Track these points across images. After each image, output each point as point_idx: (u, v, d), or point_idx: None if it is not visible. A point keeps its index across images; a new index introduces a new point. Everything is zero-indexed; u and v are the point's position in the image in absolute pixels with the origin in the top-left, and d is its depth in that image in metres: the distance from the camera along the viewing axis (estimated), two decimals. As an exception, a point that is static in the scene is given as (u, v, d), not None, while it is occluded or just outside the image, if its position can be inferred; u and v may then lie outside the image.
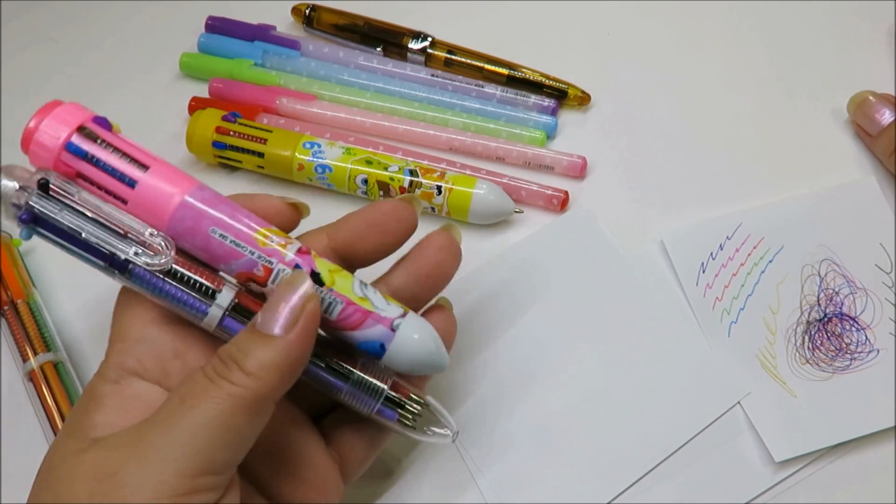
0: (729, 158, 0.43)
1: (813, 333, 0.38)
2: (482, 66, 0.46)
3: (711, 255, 0.40)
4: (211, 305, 0.29)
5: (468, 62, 0.46)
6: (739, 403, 0.36)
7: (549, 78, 0.45)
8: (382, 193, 0.41)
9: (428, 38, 0.47)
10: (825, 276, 0.39)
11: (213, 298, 0.29)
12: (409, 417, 0.30)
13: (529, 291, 0.39)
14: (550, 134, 0.44)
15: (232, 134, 0.42)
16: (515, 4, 0.49)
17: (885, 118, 0.41)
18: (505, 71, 0.46)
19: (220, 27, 0.49)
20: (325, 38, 0.49)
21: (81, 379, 0.38)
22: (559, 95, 0.45)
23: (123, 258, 0.28)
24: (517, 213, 0.41)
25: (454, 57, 0.46)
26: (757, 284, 0.39)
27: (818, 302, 0.38)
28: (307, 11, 0.49)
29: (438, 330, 0.31)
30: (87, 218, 0.28)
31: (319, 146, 0.42)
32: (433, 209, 0.41)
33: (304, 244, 0.30)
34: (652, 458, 0.35)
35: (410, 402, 0.30)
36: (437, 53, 0.46)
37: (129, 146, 0.29)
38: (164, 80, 0.48)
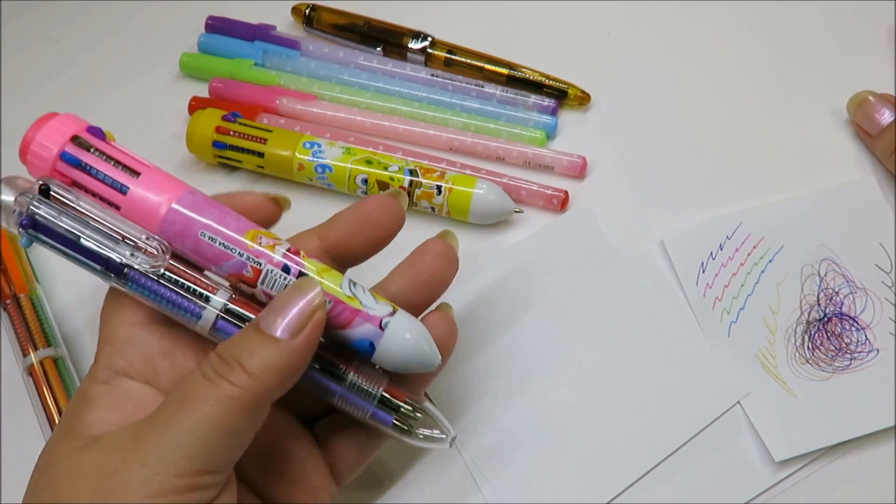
0: (729, 158, 0.43)
1: (813, 333, 0.38)
2: (482, 65, 0.46)
3: (711, 254, 0.40)
4: (205, 308, 0.29)
5: (468, 62, 0.46)
6: (739, 403, 0.36)
7: (549, 78, 0.45)
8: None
9: (428, 38, 0.47)
10: (825, 275, 0.39)
11: (207, 301, 0.29)
12: (404, 422, 0.30)
13: (529, 291, 0.39)
14: (550, 134, 0.44)
15: (232, 134, 0.42)
16: (515, 4, 0.49)
17: (884, 118, 0.41)
18: (505, 71, 0.46)
19: (220, 27, 0.49)
20: (325, 38, 0.49)
21: (80, 375, 0.39)
22: (559, 95, 0.45)
23: (120, 262, 0.29)
24: (517, 212, 0.41)
25: (454, 57, 0.46)
26: (757, 284, 0.39)
27: (818, 302, 0.38)
28: (307, 11, 0.49)
29: (438, 333, 0.31)
30: (84, 223, 0.29)
31: (319, 146, 0.42)
32: (433, 209, 0.41)
33: (295, 245, 0.30)
34: (652, 457, 0.35)
35: (406, 406, 0.30)
36: (437, 53, 0.46)
37: (121, 154, 0.30)
38: (164, 80, 0.48)
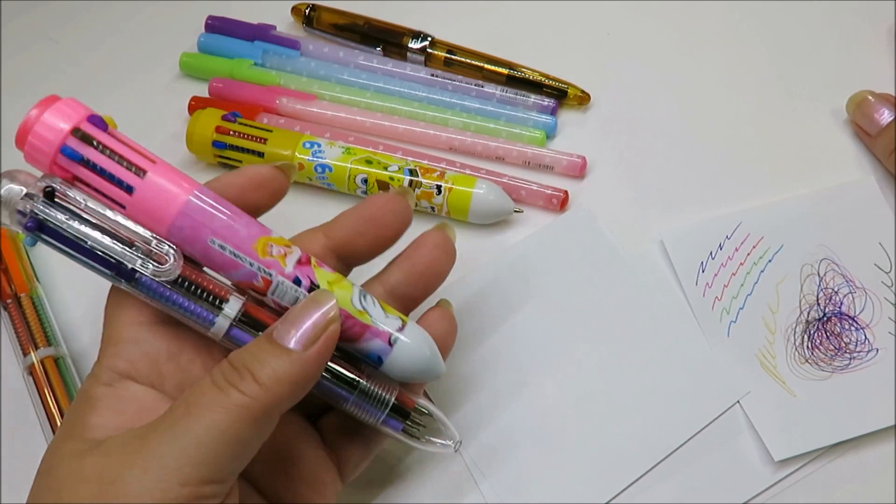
0: (729, 158, 0.43)
1: (812, 333, 0.38)
2: (482, 65, 0.46)
3: (711, 254, 0.40)
4: (218, 315, 0.28)
5: (468, 62, 0.46)
6: (739, 403, 0.36)
7: (548, 78, 0.45)
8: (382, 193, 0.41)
9: (428, 37, 0.47)
10: (824, 275, 0.39)
11: (220, 308, 0.28)
12: (413, 428, 0.30)
13: (529, 291, 0.39)
14: (550, 134, 0.44)
15: (232, 134, 0.42)
16: (515, 4, 0.49)
17: (884, 118, 0.41)
18: (505, 71, 0.46)
19: (220, 27, 0.49)
20: (325, 37, 0.49)
21: (81, 375, 0.38)
22: (559, 95, 0.45)
23: (130, 267, 0.27)
24: (517, 212, 0.41)
25: (454, 57, 0.46)
26: (756, 284, 0.39)
27: (817, 301, 0.38)
28: (307, 11, 0.49)
29: (438, 331, 0.31)
30: (92, 226, 0.27)
31: (319, 146, 0.42)
32: (433, 209, 0.41)
33: (301, 244, 0.30)
34: (651, 457, 0.35)
35: (415, 413, 0.30)
36: (436, 53, 0.46)
37: (125, 148, 0.28)
38: (164, 80, 0.48)
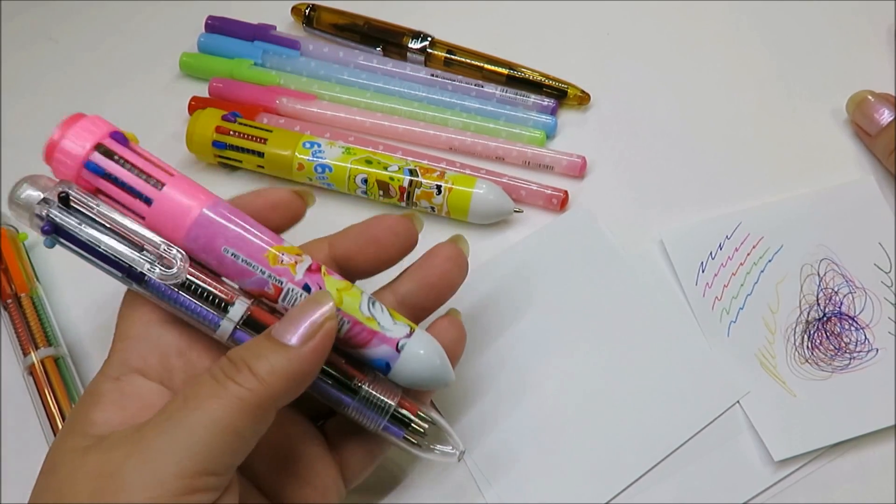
0: (729, 158, 0.43)
1: (812, 333, 0.38)
2: (482, 65, 0.46)
3: (711, 254, 0.40)
4: (223, 318, 0.29)
5: (468, 62, 0.46)
6: (739, 403, 0.36)
7: (548, 78, 0.45)
8: (382, 193, 0.41)
9: (428, 37, 0.47)
10: (824, 275, 0.39)
11: (225, 311, 0.29)
12: (415, 436, 0.30)
13: (529, 291, 0.39)
14: (550, 134, 0.44)
15: (232, 134, 0.42)
16: (515, 4, 0.49)
17: (884, 118, 0.41)
18: (505, 71, 0.46)
19: (220, 27, 0.49)
20: (325, 37, 0.49)
21: (81, 374, 0.38)
22: (559, 95, 0.45)
23: (139, 270, 0.28)
24: (517, 212, 0.41)
25: (454, 57, 0.46)
26: (756, 284, 0.39)
27: (817, 301, 0.38)
28: (307, 11, 0.49)
29: (447, 338, 0.32)
30: (105, 230, 0.28)
31: (319, 146, 0.42)
32: (433, 209, 0.41)
33: (307, 253, 0.31)
34: (651, 457, 0.35)
35: (417, 421, 0.30)
36: (436, 53, 0.46)
37: (145, 163, 0.29)
38: (164, 80, 0.48)
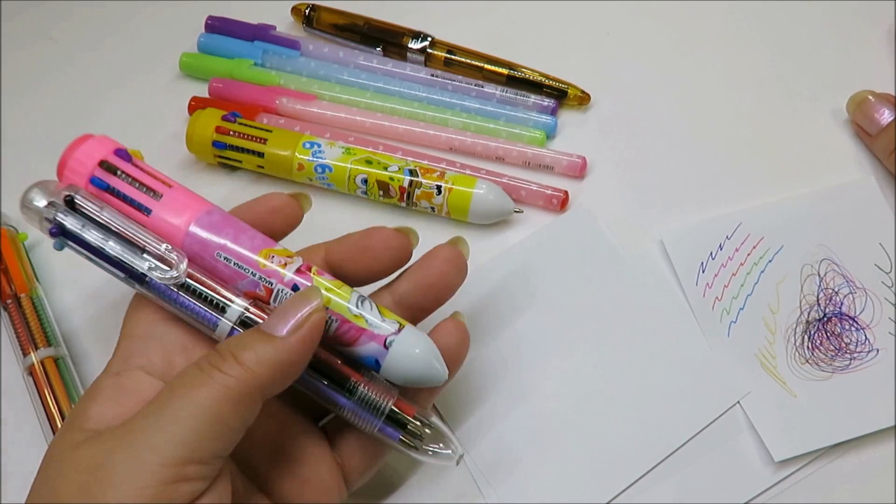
0: (729, 158, 0.43)
1: (812, 333, 0.38)
2: (482, 65, 0.46)
3: (711, 254, 0.40)
4: (221, 319, 0.30)
5: (468, 62, 0.46)
6: (739, 403, 0.36)
7: (548, 78, 0.45)
8: (382, 193, 0.41)
9: (428, 38, 0.47)
10: (825, 275, 0.39)
11: (223, 312, 0.30)
12: (411, 438, 0.30)
13: (529, 291, 0.39)
14: (550, 134, 0.44)
15: (232, 134, 0.42)
16: (515, 4, 0.49)
17: (884, 118, 0.41)
18: (505, 71, 0.46)
19: (219, 27, 0.49)
20: (325, 38, 0.49)
21: (81, 375, 0.38)
22: (559, 95, 0.45)
23: (140, 271, 0.30)
24: (517, 212, 0.41)
25: (454, 57, 0.46)
26: (756, 284, 0.39)
27: (818, 301, 0.38)
28: (307, 11, 0.49)
29: (451, 340, 0.32)
30: (109, 232, 0.30)
31: (319, 146, 0.42)
32: (433, 209, 0.41)
33: (304, 257, 0.31)
34: (651, 457, 0.35)
35: (414, 423, 0.30)
36: (436, 53, 0.46)
37: (145, 176, 0.31)
38: (164, 80, 0.48)
